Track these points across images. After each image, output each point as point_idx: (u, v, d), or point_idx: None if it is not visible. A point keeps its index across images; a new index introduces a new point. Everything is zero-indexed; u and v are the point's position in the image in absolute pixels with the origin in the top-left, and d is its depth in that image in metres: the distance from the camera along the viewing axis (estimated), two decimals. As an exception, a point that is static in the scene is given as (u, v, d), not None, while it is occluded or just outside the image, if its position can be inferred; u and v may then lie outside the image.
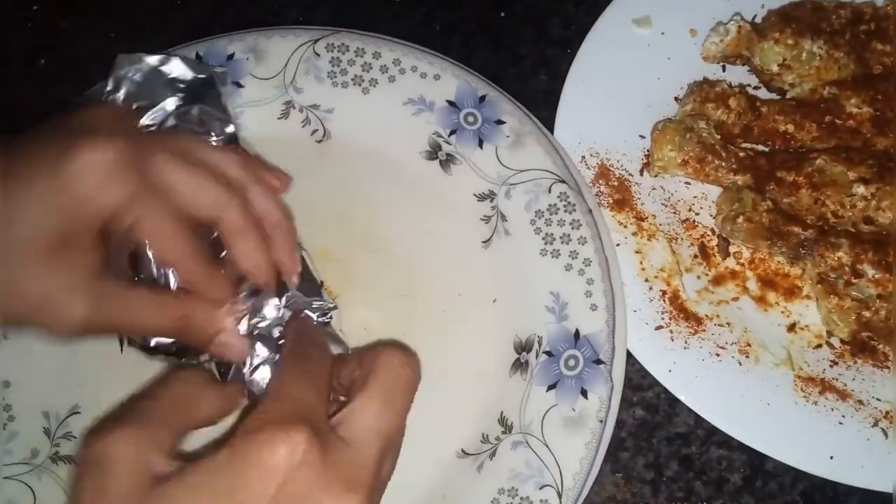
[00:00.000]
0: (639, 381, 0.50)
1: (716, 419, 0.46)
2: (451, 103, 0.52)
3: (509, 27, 0.59)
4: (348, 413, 0.33)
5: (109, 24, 0.59)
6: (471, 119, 0.52)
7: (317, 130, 0.53)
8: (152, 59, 0.45)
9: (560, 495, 0.44)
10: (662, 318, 0.48)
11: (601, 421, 0.45)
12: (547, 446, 0.45)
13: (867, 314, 0.47)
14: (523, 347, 0.48)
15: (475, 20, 0.59)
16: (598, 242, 0.48)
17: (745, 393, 0.47)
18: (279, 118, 0.53)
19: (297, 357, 0.37)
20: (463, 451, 0.46)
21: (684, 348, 0.48)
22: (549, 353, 0.47)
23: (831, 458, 0.45)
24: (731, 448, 0.48)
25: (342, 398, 0.36)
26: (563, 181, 0.49)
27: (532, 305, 0.48)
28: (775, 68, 0.53)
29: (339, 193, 0.52)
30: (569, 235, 0.48)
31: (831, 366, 0.48)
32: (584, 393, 0.45)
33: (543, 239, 0.49)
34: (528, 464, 0.45)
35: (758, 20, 0.56)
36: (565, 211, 0.49)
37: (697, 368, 0.47)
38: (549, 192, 0.49)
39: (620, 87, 0.54)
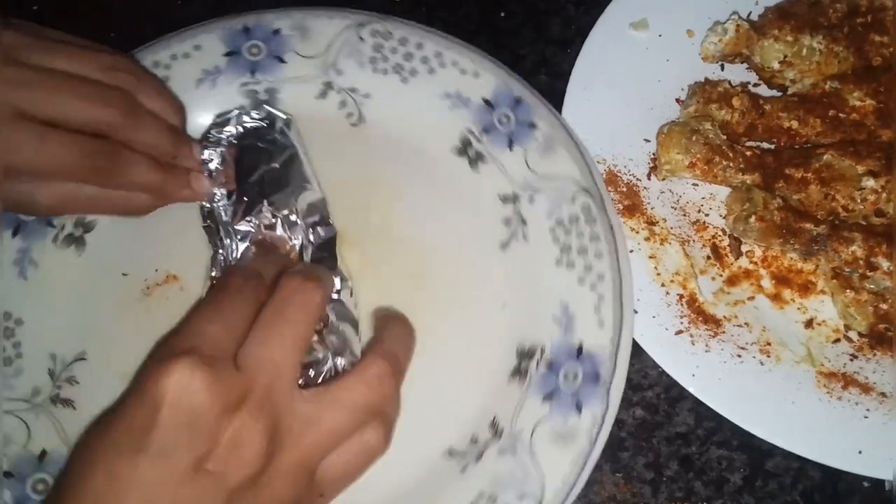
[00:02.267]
0: (639, 381, 0.49)
1: (742, 421, 0.46)
2: (486, 102, 0.52)
3: (509, 27, 0.59)
4: (247, 341, 0.35)
5: (110, 25, 0.58)
6: (504, 119, 0.51)
7: (352, 114, 0.53)
8: None
9: None
10: (682, 323, 0.48)
11: (591, 441, 0.44)
12: (533, 458, 0.44)
13: (884, 306, 0.47)
14: (525, 354, 0.47)
15: (475, 20, 0.59)
16: (614, 259, 0.47)
17: (768, 393, 0.46)
18: (317, 97, 0.53)
19: (215, 290, 0.40)
20: (451, 449, 0.46)
21: (706, 351, 0.47)
22: (549, 364, 0.46)
23: (860, 453, 0.45)
24: (731, 448, 0.48)
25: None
26: (587, 192, 0.49)
27: (540, 313, 0.48)
28: (776, 65, 0.53)
29: (365, 178, 0.52)
30: (586, 248, 0.48)
31: (851, 359, 0.48)
32: (578, 408, 0.45)
33: (560, 248, 0.48)
34: (512, 473, 0.44)
35: (753, 17, 0.56)
36: (586, 223, 0.48)
37: (720, 371, 0.47)
38: (573, 201, 0.49)
39: (621, 92, 0.54)
